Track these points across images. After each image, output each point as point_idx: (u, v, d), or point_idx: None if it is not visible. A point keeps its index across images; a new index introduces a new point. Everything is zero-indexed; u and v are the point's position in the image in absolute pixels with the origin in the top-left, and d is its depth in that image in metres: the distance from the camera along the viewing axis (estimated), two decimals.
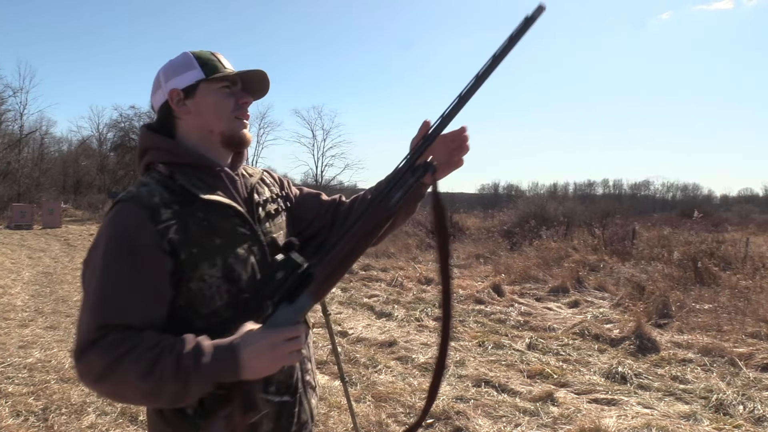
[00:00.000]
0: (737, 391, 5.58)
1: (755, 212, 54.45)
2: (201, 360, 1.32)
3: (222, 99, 1.57)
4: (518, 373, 6.11)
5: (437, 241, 1.39)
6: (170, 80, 1.58)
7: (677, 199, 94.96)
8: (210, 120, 1.57)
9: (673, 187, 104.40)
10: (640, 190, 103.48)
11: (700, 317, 8.30)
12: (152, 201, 1.45)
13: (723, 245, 14.44)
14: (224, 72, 1.57)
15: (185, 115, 1.58)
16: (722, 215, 40.96)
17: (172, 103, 1.57)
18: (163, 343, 1.35)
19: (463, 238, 19.98)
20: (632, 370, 6.19)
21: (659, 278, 10.55)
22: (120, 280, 1.36)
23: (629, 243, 16.21)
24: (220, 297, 1.47)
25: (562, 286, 10.86)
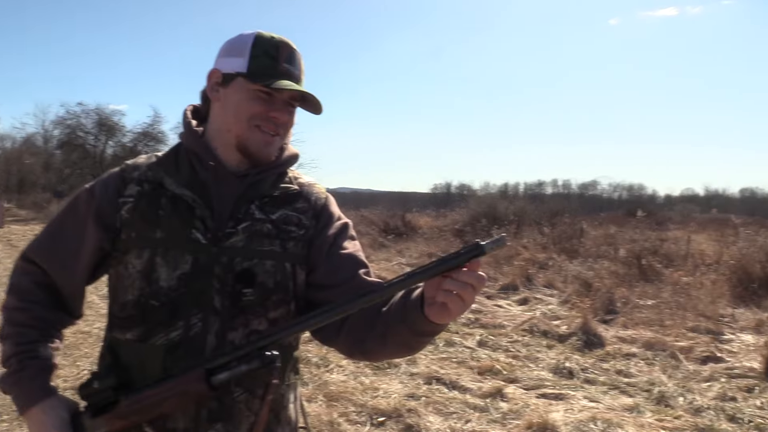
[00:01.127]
0: (678, 383, 5.78)
1: (696, 211, 56.37)
2: (18, 376, 1.40)
3: (247, 101, 1.40)
4: (469, 370, 6.18)
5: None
6: (220, 58, 1.45)
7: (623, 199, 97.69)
8: (229, 118, 1.42)
9: (619, 187, 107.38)
10: (588, 190, 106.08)
11: (643, 313, 8.55)
12: (132, 173, 1.46)
13: (666, 243, 14.94)
14: (262, 80, 1.38)
15: (215, 102, 1.46)
16: (665, 214, 42.24)
17: (208, 82, 1.46)
18: (30, 331, 1.43)
19: (415, 237, 20.10)
20: (579, 365, 6.33)
21: (605, 275, 10.83)
22: (60, 228, 1.48)
23: (577, 241, 16.59)
24: (131, 291, 1.40)
25: (512, 284, 11.03)
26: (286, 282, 1.43)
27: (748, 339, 7.44)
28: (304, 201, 1.50)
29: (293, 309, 1.45)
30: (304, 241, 1.46)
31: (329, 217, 1.52)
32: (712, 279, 10.36)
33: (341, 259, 1.46)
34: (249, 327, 1.38)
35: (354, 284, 1.42)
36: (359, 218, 26.60)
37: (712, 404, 5.27)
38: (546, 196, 67.91)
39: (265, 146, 1.43)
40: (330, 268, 1.45)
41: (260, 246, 1.41)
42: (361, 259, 1.49)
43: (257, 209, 1.44)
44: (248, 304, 1.38)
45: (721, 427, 4.81)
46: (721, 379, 6.03)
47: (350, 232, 1.54)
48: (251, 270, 1.38)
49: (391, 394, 5.36)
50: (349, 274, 1.44)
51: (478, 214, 20.89)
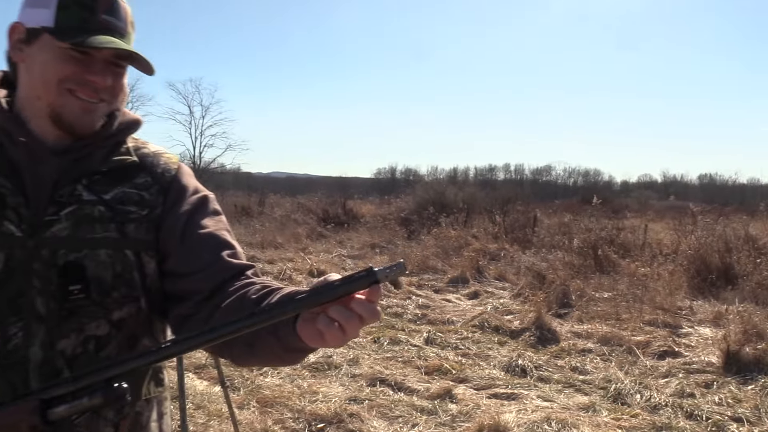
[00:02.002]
0: (635, 380, 6.00)
1: (654, 198, 58.47)
2: None
3: (56, 63, 1.26)
4: (415, 370, 6.25)
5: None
6: (23, 9, 1.30)
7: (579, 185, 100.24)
8: (36, 83, 1.28)
9: (574, 173, 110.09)
10: (542, 176, 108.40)
11: (599, 306, 8.82)
12: None
13: (622, 232, 15.42)
14: (72, 36, 1.24)
15: (21, 64, 1.31)
16: (622, 201, 43.66)
17: (9, 40, 1.31)
18: None
19: (357, 226, 20.12)
20: (532, 362, 6.49)
21: (560, 267, 11.12)
22: None
23: (530, 231, 16.95)
24: None
25: (461, 277, 11.19)
26: (129, 274, 1.31)
27: (706, 332, 7.78)
28: (147, 174, 1.38)
29: (144, 306, 1.33)
30: (149, 222, 1.35)
31: (181, 190, 1.40)
32: (670, 270, 10.78)
33: (199, 240, 1.35)
34: (84, 332, 1.27)
35: (217, 269, 1.31)
36: (295, 206, 26.43)
37: (670, 401, 5.50)
38: (498, 182, 69.17)
39: (83, 114, 1.29)
40: (186, 252, 1.34)
41: (91, 233, 1.29)
42: (224, 239, 1.37)
43: (85, 190, 1.31)
44: (80, 305, 1.26)
45: (679, 424, 5.03)
46: (679, 374, 6.30)
47: (211, 206, 1.42)
48: (78, 263, 1.26)
49: (332, 397, 5.37)
50: (210, 257, 1.33)
51: (426, 202, 21.08)
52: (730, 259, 10.85)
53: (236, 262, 1.34)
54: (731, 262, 10.78)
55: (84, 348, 1.26)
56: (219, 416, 4.90)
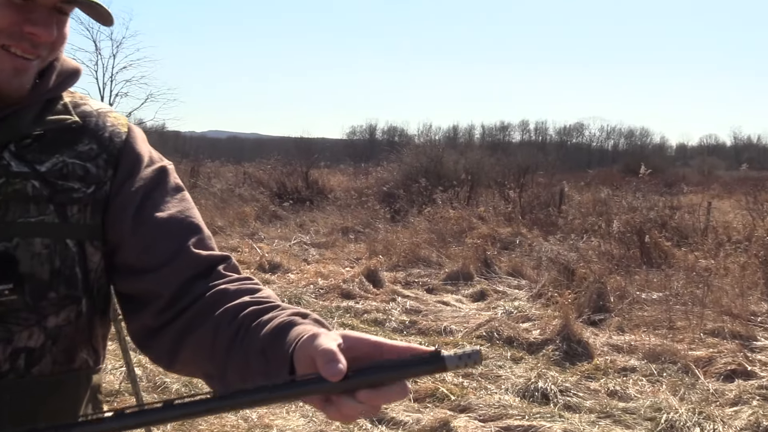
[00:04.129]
0: (693, 408, 6.04)
1: (720, 168, 59.07)
2: None
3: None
4: None
5: None
6: None
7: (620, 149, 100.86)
8: None
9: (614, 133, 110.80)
10: (571, 137, 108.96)
11: (646, 310, 8.88)
12: None
13: (678, 213, 15.53)
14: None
15: None
16: (678, 172, 44.12)
17: None
18: None
19: (324, 204, 20.09)
20: (557, 384, 6.52)
21: (594, 258, 11.17)
22: None
23: (555, 210, 17.02)
24: None
25: (463, 272, 11.21)
26: (70, 269, 1.34)
27: None
28: (91, 140, 1.41)
29: (85, 309, 1.37)
30: (95, 202, 1.38)
31: (134, 161, 1.43)
32: (741, 263, 10.86)
33: (157, 225, 1.39)
34: (13, 344, 1.29)
35: (180, 265, 1.36)
36: (241, 176, 26.32)
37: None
38: (512, 146, 69.34)
39: (14, 75, 1.32)
40: (141, 242, 1.38)
41: (23, 216, 1.32)
42: (189, 222, 1.42)
43: (13, 158, 1.33)
44: (9, 309, 1.28)
45: None
46: (753, 401, 6.36)
47: (171, 181, 1.46)
48: (8, 255, 1.29)
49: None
50: (171, 248, 1.37)
51: (416, 171, 21.08)
52: None
53: (204, 255, 1.39)
54: None
55: (12, 365, 1.29)
56: None
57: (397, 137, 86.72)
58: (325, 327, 1.18)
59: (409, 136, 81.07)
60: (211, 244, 1.42)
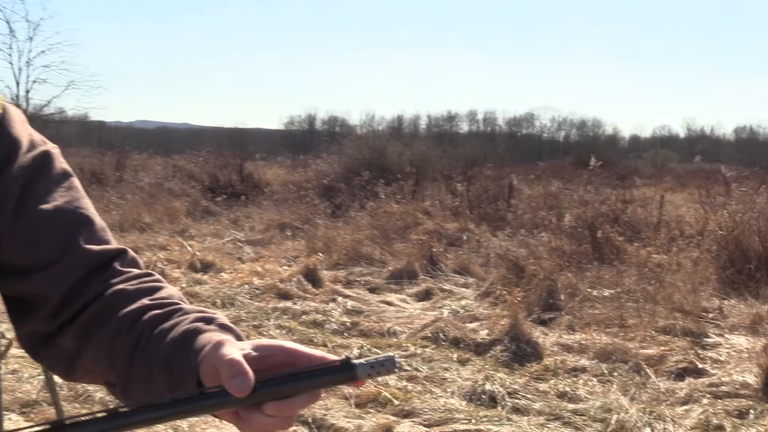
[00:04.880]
0: (643, 408, 6.18)
1: (673, 160, 60.00)
2: None
3: None
4: (342, 401, 6.29)
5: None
6: None
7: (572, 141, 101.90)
8: None
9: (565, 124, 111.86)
10: (522, 127, 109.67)
11: (597, 308, 9.03)
12: None
13: (630, 206, 15.79)
14: None
15: None
16: (631, 164, 44.71)
17: None
18: None
19: (260, 198, 19.99)
20: (505, 387, 6.62)
21: (544, 254, 11.30)
22: None
23: (504, 204, 17.17)
24: None
25: (407, 270, 11.26)
26: None
27: (740, 342, 8.07)
28: None
29: None
30: None
31: (12, 145, 1.32)
32: (694, 258, 11.10)
33: (42, 218, 1.30)
34: None
35: (70, 262, 1.28)
36: (170, 170, 26.03)
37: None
38: (460, 137, 69.69)
39: None
40: (23, 237, 1.28)
41: None
42: (79, 213, 1.34)
43: None
44: None
45: None
46: (704, 400, 6.52)
47: (57, 167, 1.36)
48: None
49: None
50: (59, 244, 1.29)
51: (358, 164, 21.08)
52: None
53: (97, 250, 1.31)
54: None
55: None
56: None
57: (337, 127, 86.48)
58: (233, 332, 1.15)
59: (350, 126, 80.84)
60: (106, 237, 1.34)
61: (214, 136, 35.16)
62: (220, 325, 1.16)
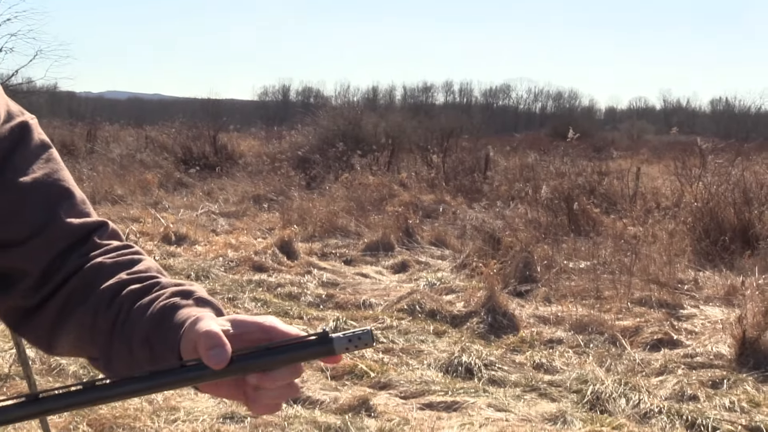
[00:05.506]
0: (619, 379, 6.26)
1: (650, 132, 60.42)
2: None
3: None
4: (318, 374, 6.33)
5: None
6: None
7: (548, 113, 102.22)
8: None
9: (542, 95, 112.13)
10: (498, 99, 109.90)
11: (573, 280, 9.12)
12: None
13: (607, 178, 15.90)
14: None
15: None
16: (607, 136, 45.01)
17: None
18: None
19: (233, 170, 19.95)
20: (481, 358, 6.67)
21: (521, 226, 11.39)
22: None
23: (480, 176, 17.24)
24: None
25: (383, 242, 11.31)
26: None
27: (715, 314, 8.18)
28: None
29: None
30: None
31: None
32: (669, 230, 11.21)
33: (21, 191, 1.28)
34: None
35: (53, 235, 1.27)
36: (143, 141, 25.91)
37: (665, 406, 5.77)
38: (436, 108, 69.60)
39: None
40: (2, 211, 1.27)
41: None
42: (59, 185, 1.32)
43: None
44: None
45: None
46: (678, 370, 6.61)
47: (35, 138, 1.34)
48: None
49: (198, 415, 5.39)
50: (39, 217, 1.27)
51: (333, 135, 21.06)
52: (750, 215, 11.36)
53: (77, 223, 1.30)
54: (751, 218, 11.29)
55: None
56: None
57: (312, 98, 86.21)
58: (211, 306, 1.15)
59: (325, 97, 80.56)
60: (86, 209, 1.33)
61: (186, 107, 34.98)
62: (198, 299, 1.16)
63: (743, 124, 73.09)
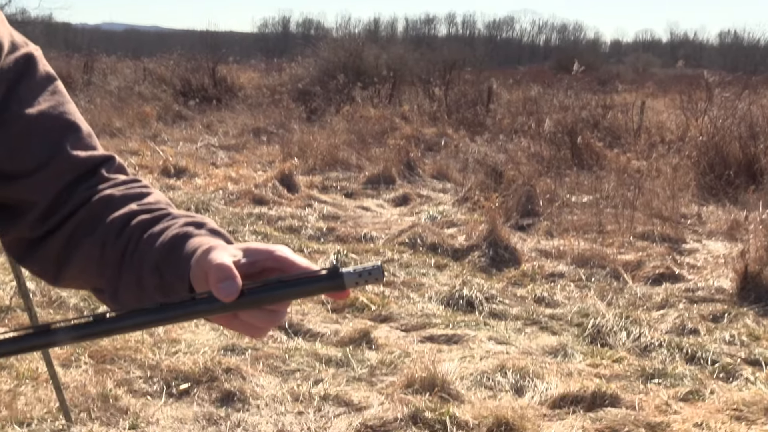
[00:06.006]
0: (620, 313, 6.31)
1: (656, 65, 60.01)
2: None
3: None
4: (319, 307, 6.37)
5: None
6: None
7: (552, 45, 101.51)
8: None
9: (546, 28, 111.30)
10: (501, 31, 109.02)
11: (576, 214, 9.13)
12: None
13: (611, 112, 15.82)
14: None
15: None
16: (612, 69, 44.66)
17: None
18: None
19: (233, 103, 19.85)
20: (482, 292, 6.72)
21: (523, 160, 11.37)
22: None
23: (483, 109, 17.16)
24: None
25: (384, 175, 11.30)
26: None
27: (717, 248, 8.22)
28: None
29: None
30: None
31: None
32: (674, 164, 11.19)
33: (27, 123, 1.27)
34: None
35: (57, 168, 1.27)
36: (141, 73, 25.72)
37: (666, 340, 5.83)
38: (438, 40, 69.09)
39: None
40: (9, 143, 1.26)
41: None
42: (66, 118, 1.31)
43: None
44: None
45: (676, 370, 5.34)
46: (679, 304, 6.67)
47: (40, 70, 1.33)
48: None
49: (199, 347, 5.43)
50: (46, 150, 1.27)
51: (334, 67, 20.91)
52: (756, 150, 11.33)
53: (84, 155, 1.29)
54: (756, 153, 11.27)
55: None
56: (34, 379, 4.88)
57: (312, 30, 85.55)
58: (223, 237, 1.15)
59: (326, 29, 79.84)
60: (92, 143, 1.32)
61: (185, 39, 34.69)
62: (211, 230, 1.16)
63: (752, 57, 72.56)
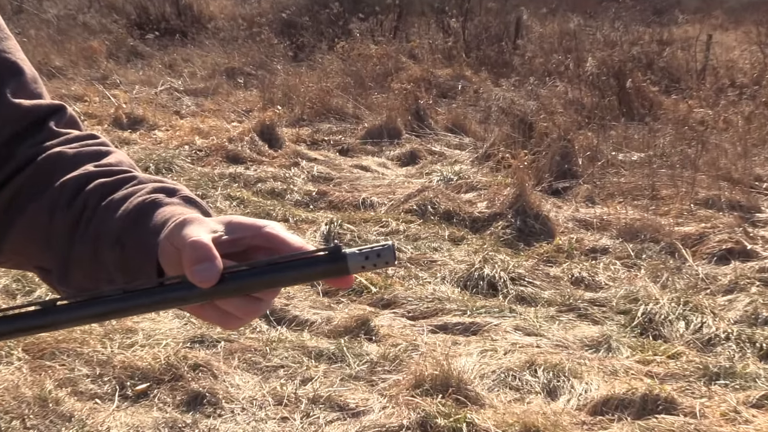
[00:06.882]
0: (677, 297, 6.27)
1: None
2: None
3: None
4: (308, 289, 6.36)
5: None
6: None
7: None
8: None
9: None
10: None
11: (623, 176, 9.08)
12: None
13: (669, 49, 15.70)
14: None
15: None
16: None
17: None
18: None
19: (201, 37, 19.74)
20: (507, 271, 6.70)
21: (559, 109, 11.27)
22: None
23: (509, 46, 17.04)
24: None
25: (388, 127, 11.23)
26: None
27: None
28: None
29: None
30: None
31: None
32: (747, 114, 11.09)
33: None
34: None
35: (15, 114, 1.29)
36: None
37: (735, 331, 5.80)
38: None
39: None
40: None
41: None
42: (6, 58, 1.34)
43: None
44: None
45: (747, 369, 5.33)
46: (752, 288, 6.62)
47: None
48: None
49: (161, 339, 5.45)
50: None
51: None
52: None
53: (28, 104, 1.31)
54: None
55: None
56: None
57: None
58: (199, 207, 1.16)
59: None
60: (38, 89, 1.35)
61: None
62: (184, 198, 1.16)
63: None
